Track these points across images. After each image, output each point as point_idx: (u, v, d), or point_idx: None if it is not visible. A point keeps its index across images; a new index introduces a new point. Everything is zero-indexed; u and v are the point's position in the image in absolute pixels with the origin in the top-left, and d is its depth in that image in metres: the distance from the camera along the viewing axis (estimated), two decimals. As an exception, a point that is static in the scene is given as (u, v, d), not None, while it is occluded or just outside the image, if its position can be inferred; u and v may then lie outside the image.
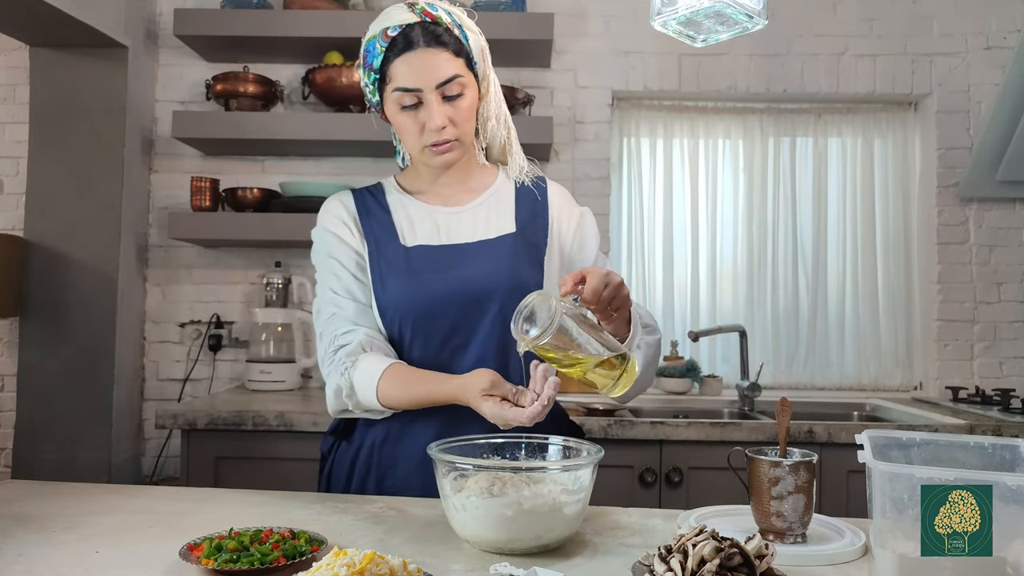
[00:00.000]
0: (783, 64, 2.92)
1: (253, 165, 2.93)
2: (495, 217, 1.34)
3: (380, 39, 1.23)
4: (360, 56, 1.28)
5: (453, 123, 1.24)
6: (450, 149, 1.27)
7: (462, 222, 1.33)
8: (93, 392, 2.60)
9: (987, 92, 2.88)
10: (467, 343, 1.27)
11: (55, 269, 2.63)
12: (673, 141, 3.02)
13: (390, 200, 1.36)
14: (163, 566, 0.91)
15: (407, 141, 1.28)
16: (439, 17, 1.24)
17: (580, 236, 1.40)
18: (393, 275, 1.28)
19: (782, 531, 1.02)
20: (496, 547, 0.97)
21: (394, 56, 1.22)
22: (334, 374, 1.25)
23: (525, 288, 1.30)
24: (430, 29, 1.23)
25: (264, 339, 2.69)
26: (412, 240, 1.31)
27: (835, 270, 3.00)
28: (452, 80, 1.23)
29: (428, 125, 1.24)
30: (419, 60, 1.21)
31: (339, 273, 1.31)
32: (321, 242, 1.34)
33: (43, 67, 2.67)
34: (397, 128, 1.29)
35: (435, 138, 1.24)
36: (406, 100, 1.23)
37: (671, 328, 2.96)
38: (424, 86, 1.22)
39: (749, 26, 1.37)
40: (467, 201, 1.35)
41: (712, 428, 2.15)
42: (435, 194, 1.36)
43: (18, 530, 1.04)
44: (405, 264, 1.28)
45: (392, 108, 1.26)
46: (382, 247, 1.31)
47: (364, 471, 1.31)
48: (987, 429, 2.18)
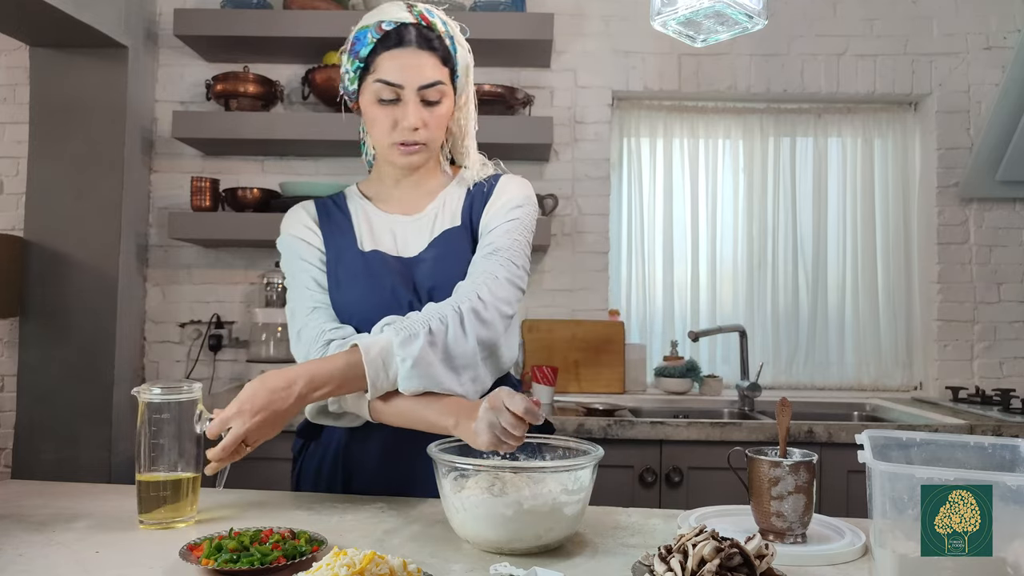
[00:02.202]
0: (783, 64, 2.92)
1: (253, 165, 2.93)
2: (448, 217, 1.34)
3: (373, 30, 1.24)
4: (347, 43, 1.29)
5: (426, 127, 1.25)
6: (417, 151, 1.27)
7: (418, 228, 1.33)
8: (93, 392, 2.60)
9: (987, 92, 2.88)
10: None
11: (55, 269, 2.63)
12: (673, 141, 3.02)
13: (351, 206, 1.37)
14: (163, 566, 0.91)
15: (376, 134, 1.28)
16: (434, 23, 1.26)
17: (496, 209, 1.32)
18: (350, 278, 1.28)
19: (782, 531, 1.02)
20: (496, 547, 0.97)
21: (383, 49, 1.23)
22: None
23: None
24: (424, 33, 1.24)
25: (264, 339, 2.69)
26: (370, 245, 1.31)
27: (835, 270, 3.00)
28: (434, 86, 1.24)
29: (402, 123, 1.24)
30: (407, 59, 1.23)
31: (312, 273, 1.30)
32: (289, 248, 1.34)
33: (43, 67, 2.67)
34: (368, 120, 1.29)
35: (405, 137, 1.25)
36: (385, 94, 1.24)
37: (671, 328, 2.96)
38: (407, 84, 1.23)
39: (749, 26, 1.37)
40: (425, 205, 1.35)
41: (712, 428, 2.15)
42: (395, 199, 1.36)
43: (18, 530, 1.04)
44: (363, 269, 1.28)
45: (368, 99, 1.26)
46: (341, 252, 1.31)
47: (331, 471, 1.31)
48: (987, 429, 2.18)
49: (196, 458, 1.10)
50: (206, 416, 1.11)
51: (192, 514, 1.09)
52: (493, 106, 2.70)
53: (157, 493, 1.06)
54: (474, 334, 1.16)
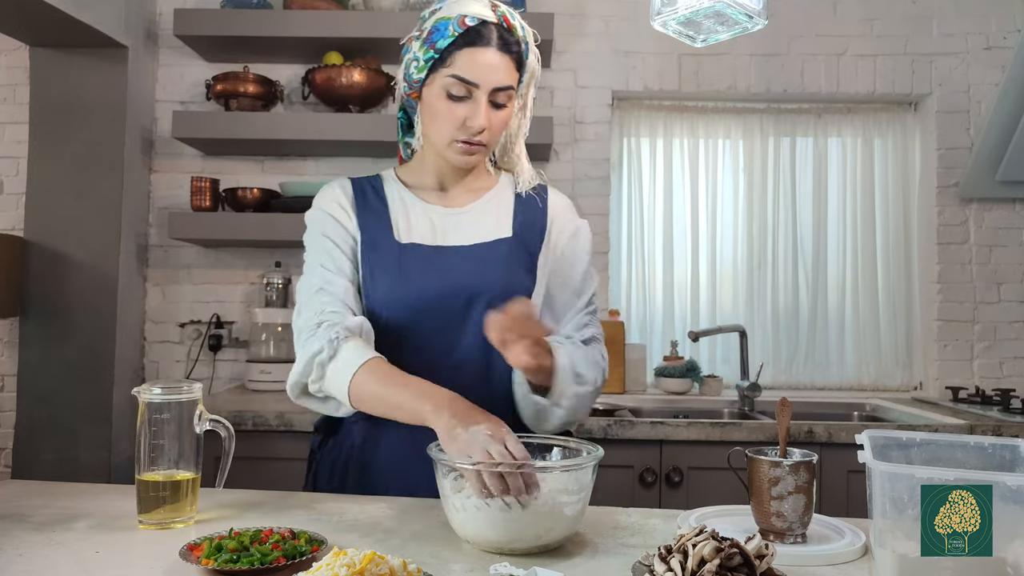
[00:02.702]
0: (783, 64, 2.92)
1: (253, 165, 2.93)
2: (493, 221, 1.34)
3: (455, 23, 1.21)
4: (421, 30, 1.26)
5: (490, 128, 1.25)
6: (477, 151, 1.27)
7: (459, 224, 1.32)
8: (93, 392, 2.60)
9: (987, 92, 2.88)
10: (452, 345, 1.26)
11: (55, 269, 2.63)
12: (673, 141, 3.02)
13: (388, 192, 1.35)
14: (163, 566, 0.91)
15: (437, 128, 1.26)
16: (515, 27, 1.25)
17: (572, 249, 1.38)
18: (384, 270, 1.27)
19: (782, 531, 1.02)
20: (496, 547, 0.97)
21: (463, 45, 1.21)
22: (315, 341, 1.19)
23: (515, 294, 1.29)
24: (504, 35, 1.23)
25: (264, 339, 2.69)
26: (407, 237, 1.30)
27: (835, 270, 3.00)
28: (506, 89, 1.24)
29: (469, 122, 1.23)
30: (487, 58, 1.21)
31: (332, 252, 1.29)
32: (317, 222, 1.32)
33: (43, 67, 2.67)
34: (431, 112, 1.26)
35: (469, 136, 1.24)
36: (457, 90, 1.22)
37: (671, 328, 2.96)
38: (482, 84, 1.22)
39: (749, 26, 1.37)
40: (467, 203, 1.35)
41: (712, 428, 2.15)
42: (436, 192, 1.36)
43: (18, 530, 1.04)
44: (397, 261, 1.27)
45: (435, 91, 1.24)
46: (376, 240, 1.29)
47: (349, 467, 1.30)
48: (987, 429, 2.18)
49: (196, 458, 1.10)
50: (207, 416, 1.11)
51: (192, 514, 1.09)
52: (493, 106, 2.70)
53: (157, 493, 1.06)
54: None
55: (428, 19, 1.26)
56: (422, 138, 1.33)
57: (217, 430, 1.14)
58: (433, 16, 1.25)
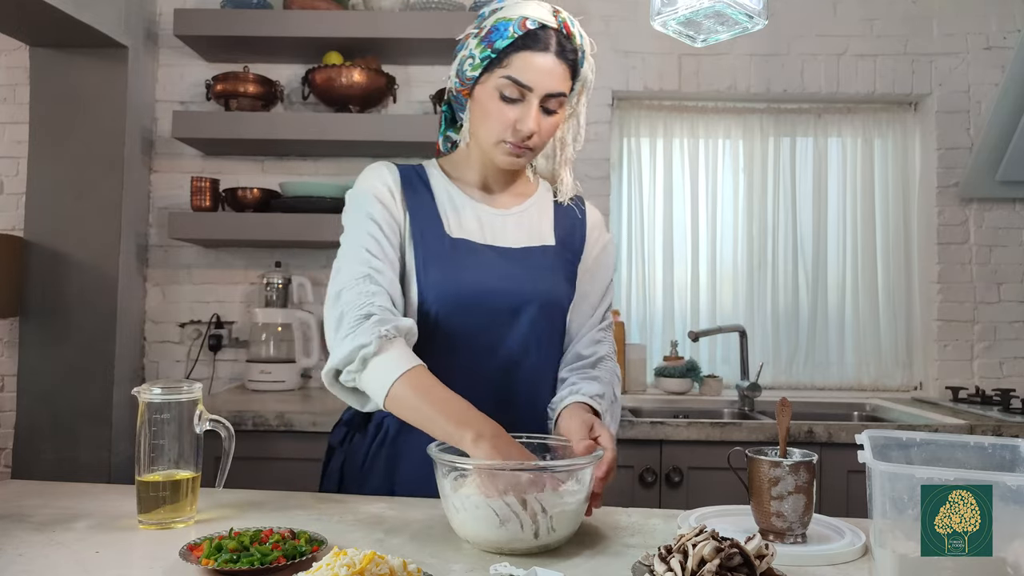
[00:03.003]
0: (783, 64, 2.92)
1: (253, 165, 2.93)
2: (536, 227, 1.34)
3: (516, 25, 1.20)
4: (479, 28, 1.25)
5: (539, 134, 1.24)
6: (523, 155, 1.26)
7: (505, 226, 1.32)
8: (93, 392, 2.60)
9: (987, 92, 2.88)
10: (495, 345, 1.26)
11: (55, 269, 2.63)
12: (673, 141, 3.02)
13: (433, 183, 1.33)
14: (163, 566, 0.91)
15: (487, 127, 1.25)
16: (574, 35, 1.24)
17: (600, 263, 1.40)
18: (435, 263, 1.25)
19: (782, 531, 1.02)
20: (496, 547, 0.97)
21: (522, 48, 1.20)
22: (364, 333, 1.12)
23: (558, 303, 1.31)
24: (563, 42, 1.22)
25: (264, 339, 2.69)
26: (457, 231, 1.28)
27: (835, 270, 3.00)
28: (558, 96, 1.23)
29: (519, 125, 1.22)
30: (544, 63, 1.21)
31: (377, 237, 1.24)
32: (362, 202, 1.27)
33: (43, 67, 2.67)
34: (482, 111, 1.25)
35: (518, 139, 1.24)
36: (511, 92, 1.21)
37: (671, 328, 2.96)
38: (536, 88, 1.21)
39: (749, 26, 1.37)
40: (510, 205, 1.35)
41: (712, 428, 2.15)
42: (480, 190, 1.35)
43: (18, 530, 1.04)
44: (449, 254, 1.25)
45: (488, 91, 1.23)
46: (425, 230, 1.27)
47: (374, 463, 1.29)
48: (987, 429, 2.18)
49: (196, 458, 1.10)
50: (207, 416, 1.11)
51: (192, 514, 1.09)
52: (493, 106, 2.70)
53: (157, 493, 1.06)
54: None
55: (488, 17, 1.25)
56: (469, 135, 1.32)
57: (217, 430, 1.14)
58: (494, 15, 1.24)
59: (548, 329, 1.31)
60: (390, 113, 2.87)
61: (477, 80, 1.25)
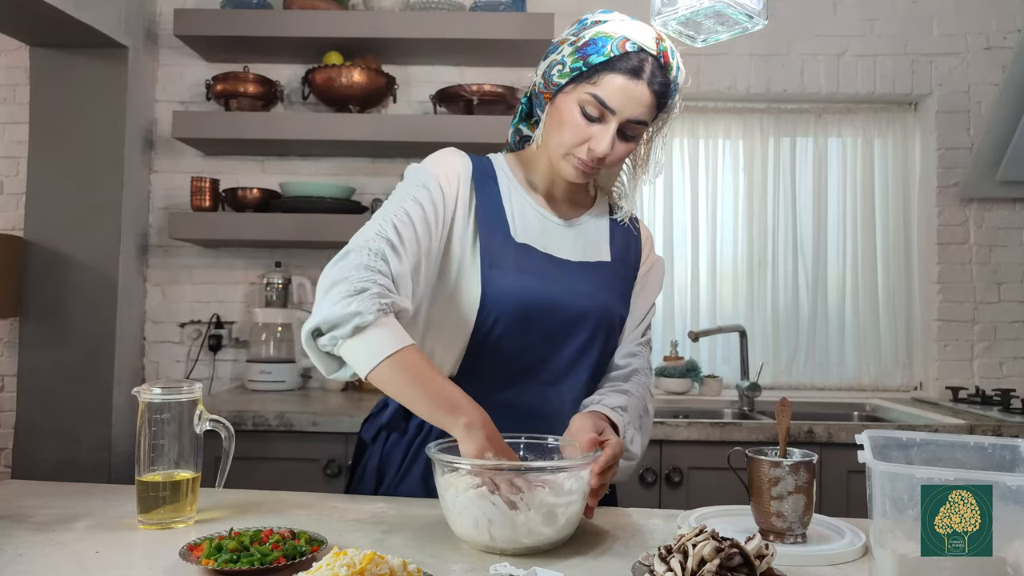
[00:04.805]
0: (783, 64, 2.92)
1: (253, 165, 2.93)
2: (593, 242, 1.33)
3: (615, 44, 1.17)
4: (577, 35, 1.21)
5: (610, 156, 1.22)
6: (591, 173, 1.24)
7: (565, 237, 1.30)
8: (93, 392, 2.60)
9: (987, 92, 2.88)
10: (549, 357, 1.24)
11: (55, 269, 2.63)
12: (673, 141, 3.02)
13: (500, 181, 1.30)
14: (163, 566, 0.91)
15: (560, 137, 1.22)
16: (671, 67, 1.21)
17: (647, 282, 1.38)
18: (501, 265, 1.21)
19: (782, 531, 1.02)
20: (495, 548, 0.97)
21: (615, 69, 1.17)
22: (361, 302, 1.05)
23: (613, 321, 1.30)
24: (657, 73, 1.19)
25: (264, 339, 2.69)
26: (522, 237, 1.25)
27: (835, 270, 3.00)
28: (639, 123, 1.21)
29: (593, 144, 1.19)
30: (634, 90, 1.17)
31: (415, 218, 1.17)
32: (423, 179, 1.22)
33: (43, 67, 2.67)
34: (559, 120, 1.22)
35: (589, 157, 1.21)
36: (592, 110, 1.18)
37: (671, 328, 2.96)
38: (620, 113, 1.18)
39: (749, 26, 1.36)
40: (569, 216, 1.33)
41: (712, 428, 2.15)
42: (543, 195, 1.32)
43: (18, 530, 1.04)
44: (514, 259, 1.23)
45: (570, 103, 1.20)
46: (492, 231, 1.23)
47: (413, 464, 1.27)
48: (987, 429, 2.18)
49: (196, 458, 1.10)
50: (207, 416, 1.11)
51: (192, 514, 1.09)
52: (493, 106, 2.70)
53: (157, 493, 1.06)
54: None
55: (589, 28, 1.21)
56: (540, 140, 1.29)
57: (217, 430, 1.14)
58: (595, 27, 1.20)
59: (600, 347, 1.28)
60: (390, 113, 2.87)
61: (562, 88, 1.22)
